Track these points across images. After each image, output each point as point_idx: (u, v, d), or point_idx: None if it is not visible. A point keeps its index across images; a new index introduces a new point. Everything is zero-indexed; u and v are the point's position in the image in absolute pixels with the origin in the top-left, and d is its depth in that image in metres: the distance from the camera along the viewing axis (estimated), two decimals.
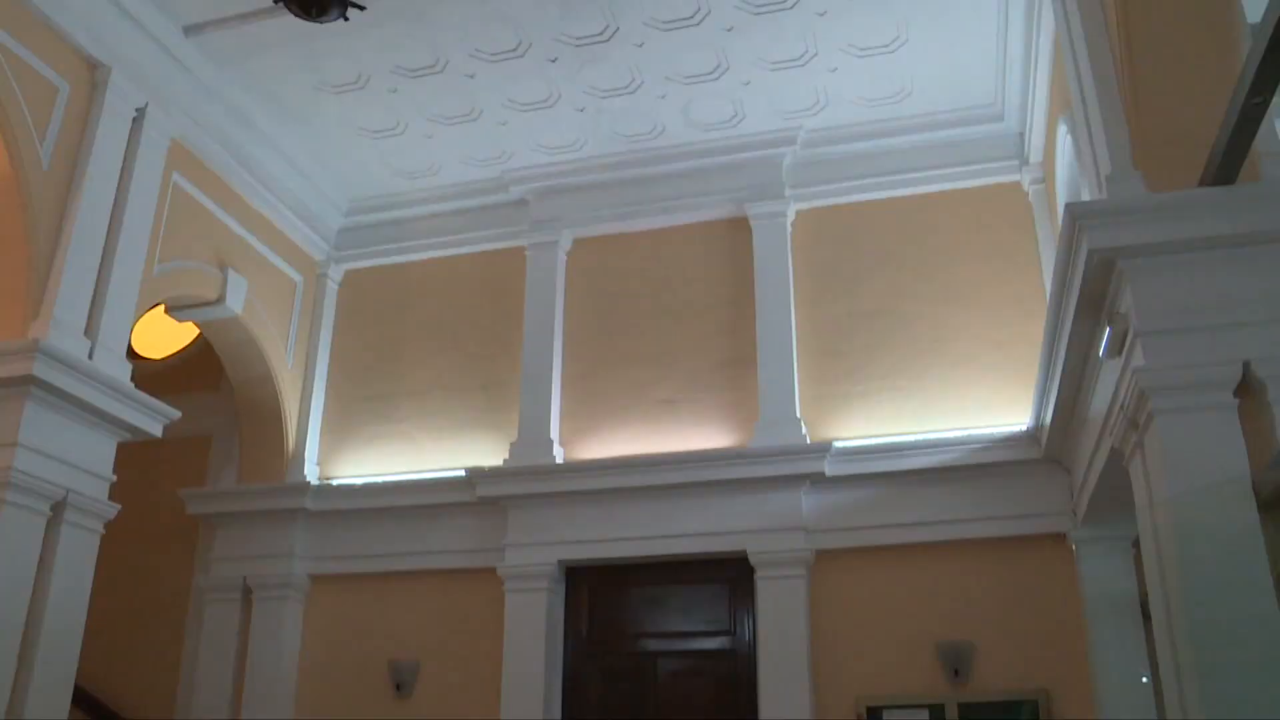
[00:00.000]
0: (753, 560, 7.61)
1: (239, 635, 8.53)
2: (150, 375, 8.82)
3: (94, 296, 6.76)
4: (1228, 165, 4.50)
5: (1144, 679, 6.62)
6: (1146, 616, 6.09)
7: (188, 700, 8.55)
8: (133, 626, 8.96)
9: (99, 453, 6.70)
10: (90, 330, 6.68)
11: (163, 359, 9.56)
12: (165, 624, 8.92)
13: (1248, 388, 4.56)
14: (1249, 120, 4.12)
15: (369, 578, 8.57)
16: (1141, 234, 4.74)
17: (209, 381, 9.51)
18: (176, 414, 7.15)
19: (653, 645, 7.95)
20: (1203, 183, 4.71)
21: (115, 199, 7.00)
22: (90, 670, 8.15)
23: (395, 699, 8.20)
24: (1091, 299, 5.21)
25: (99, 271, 6.81)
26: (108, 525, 6.79)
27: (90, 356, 6.56)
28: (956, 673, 7.15)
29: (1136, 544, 6.66)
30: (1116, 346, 5.03)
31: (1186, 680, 4.37)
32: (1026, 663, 7.12)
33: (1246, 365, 4.53)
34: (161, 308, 8.15)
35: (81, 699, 8.17)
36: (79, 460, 6.50)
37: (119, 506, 6.79)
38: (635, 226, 8.87)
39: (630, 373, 8.50)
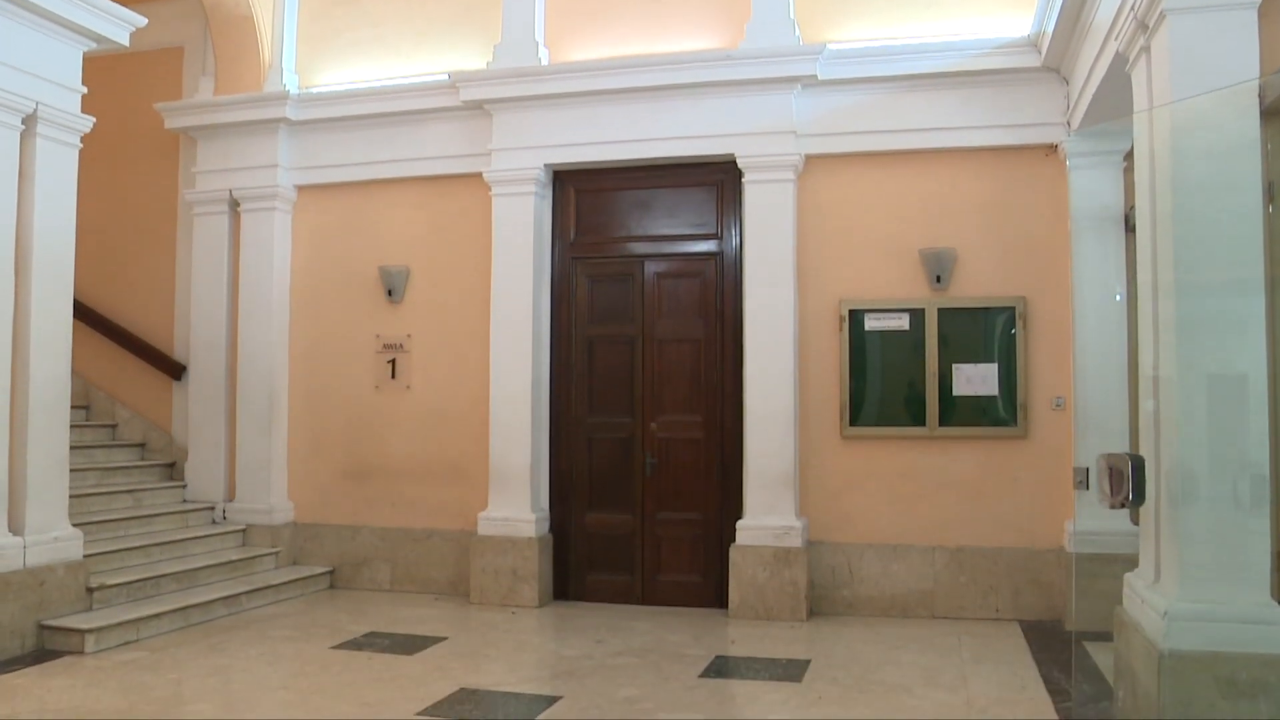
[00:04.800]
0: (741, 164, 7.57)
1: (230, 247, 8.66)
2: None
3: None
4: None
5: (1118, 297, 6.77)
6: (1130, 231, 6.13)
7: (185, 311, 8.81)
8: (126, 243, 9.06)
9: (65, 63, 6.45)
10: None
11: None
12: (157, 239, 9.02)
13: None
14: None
15: (355, 186, 8.56)
16: None
17: None
18: (142, 20, 6.81)
19: (640, 248, 8.05)
20: None
21: None
22: (88, 286, 8.37)
23: (387, 304, 8.43)
24: None
25: None
26: (89, 143, 6.66)
27: None
28: (938, 279, 7.31)
29: (1128, 158, 6.59)
30: None
31: (1162, 298, 4.41)
32: (1007, 271, 7.28)
33: None
34: None
35: (83, 313, 8.41)
36: (44, 72, 6.28)
37: (93, 119, 6.64)
38: None
39: None
